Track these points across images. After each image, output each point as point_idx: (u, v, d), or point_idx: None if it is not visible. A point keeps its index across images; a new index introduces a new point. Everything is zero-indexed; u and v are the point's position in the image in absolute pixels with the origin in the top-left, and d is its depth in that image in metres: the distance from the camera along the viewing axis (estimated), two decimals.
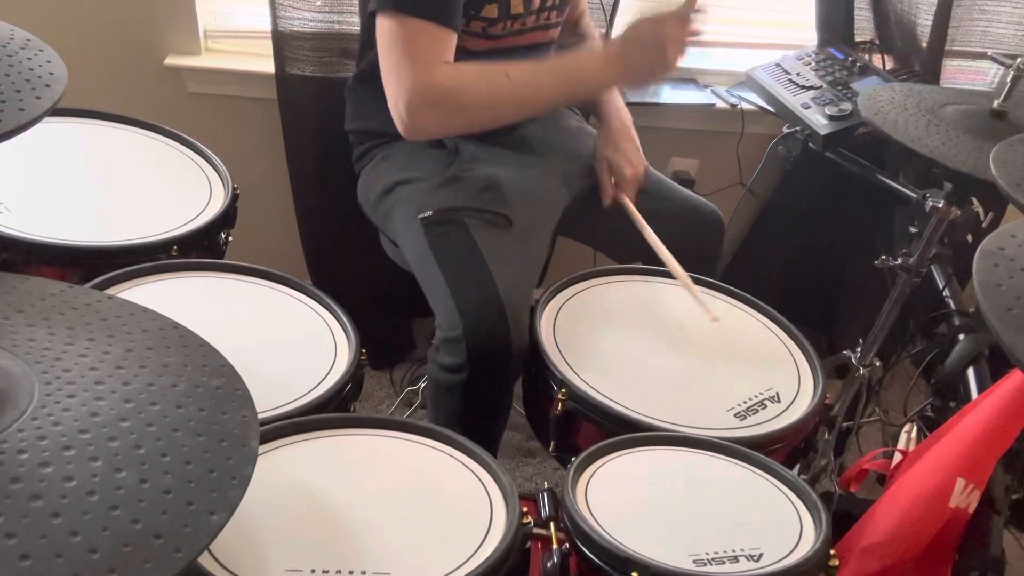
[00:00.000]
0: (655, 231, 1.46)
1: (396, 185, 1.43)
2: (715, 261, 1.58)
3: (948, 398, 1.66)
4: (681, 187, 1.60)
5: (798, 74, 1.91)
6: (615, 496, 0.99)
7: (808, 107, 1.83)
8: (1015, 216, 1.73)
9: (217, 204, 1.31)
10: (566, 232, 1.60)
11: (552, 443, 1.17)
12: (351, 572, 0.84)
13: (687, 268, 1.35)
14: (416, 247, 1.34)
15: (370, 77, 1.48)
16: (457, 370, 1.23)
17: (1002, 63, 1.45)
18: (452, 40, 1.25)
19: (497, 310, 1.20)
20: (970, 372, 1.64)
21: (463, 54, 1.35)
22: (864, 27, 2.01)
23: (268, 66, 1.76)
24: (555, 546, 0.94)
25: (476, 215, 1.32)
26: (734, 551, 0.93)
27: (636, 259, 1.43)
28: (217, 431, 0.65)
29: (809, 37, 2.01)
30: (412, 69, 1.22)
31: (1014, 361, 0.70)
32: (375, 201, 1.48)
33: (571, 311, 1.28)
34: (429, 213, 1.33)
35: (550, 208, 1.48)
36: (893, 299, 1.56)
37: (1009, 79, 1.37)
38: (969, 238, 1.59)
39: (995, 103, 1.37)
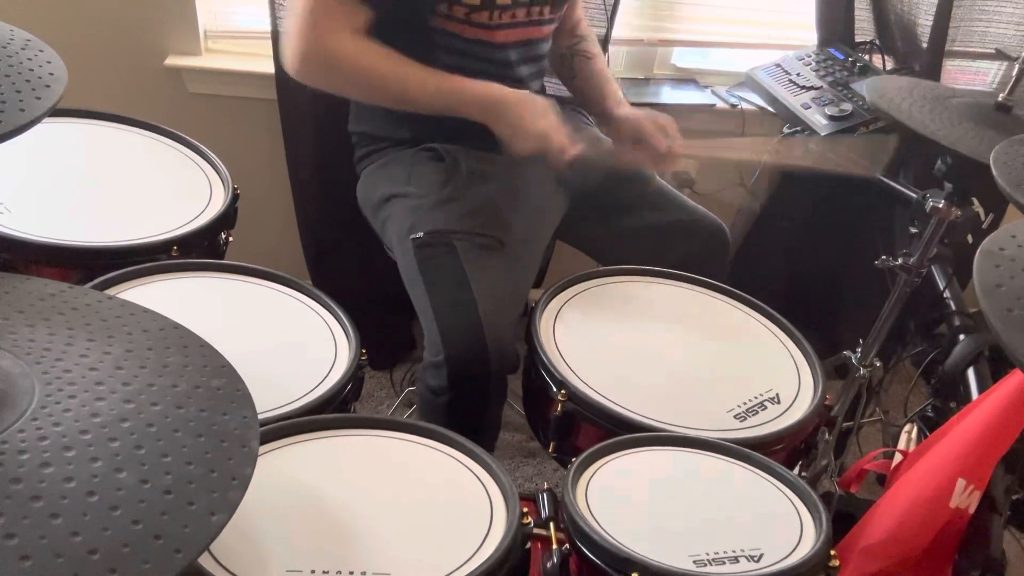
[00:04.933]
0: (658, 243, 1.44)
1: (392, 197, 1.43)
2: (721, 276, 1.56)
3: (948, 398, 1.66)
4: (687, 199, 1.58)
5: (798, 74, 1.91)
6: (615, 496, 0.99)
7: (808, 107, 1.83)
8: (1015, 216, 1.73)
9: (217, 204, 1.31)
10: (563, 237, 1.60)
11: (552, 444, 1.17)
12: (351, 572, 0.84)
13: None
14: (407, 267, 1.35)
15: None
16: (440, 393, 1.24)
17: (1008, 57, 1.45)
18: (363, 17, 1.30)
19: (478, 337, 1.21)
20: (970, 372, 1.64)
21: (451, 39, 1.37)
22: (864, 27, 2.01)
23: (268, 66, 1.76)
24: (555, 546, 0.94)
25: (467, 238, 1.32)
26: (734, 551, 0.93)
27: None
28: (217, 431, 0.65)
29: (809, 37, 2.01)
30: (310, 31, 1.28)
31: (1015, 361, 0.70)
32: (373, 208, 1.48)
33: (571, 311, 1.28)
34: (420, 234, 1.33)
35: (546, 219, 1.47)
36: (893, 299, 1.56)
37: (1015, 73, 1.37)
38: (969, 238, 1.59)
39: (1000, 96, 1.37)
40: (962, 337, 1.72)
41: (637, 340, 1.25)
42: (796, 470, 1.21)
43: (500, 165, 1.46)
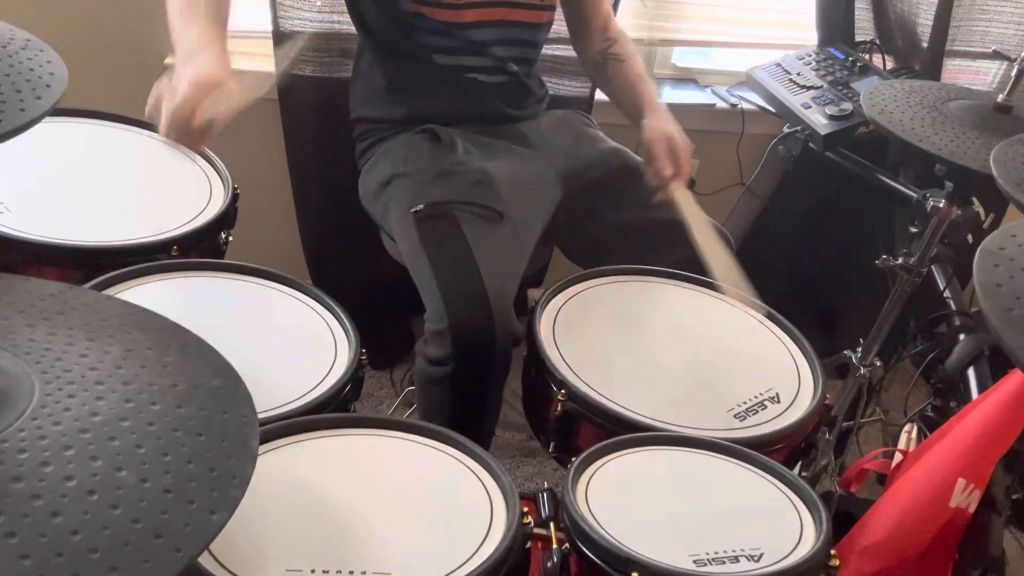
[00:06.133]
0: (653, 242, 1.43)
1: (392, 179, 1.44)
2: None
3: (948, 398, 1.66)
4: None
5: (798, 74, 1.91)
6: (615, 496, 0.99)
7: (808, 107, 1.83)
8: (1015, 216, 1.73)
9: (217, 204, 1.31)
10: (557, 237, 1.59)
11: (552, 444, 1.17)
12: (351, 572, 0.84)
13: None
14: (408, 241, 1.35)
15: (365, 67, 1.52)
16: (443, 362, 1.23)
17: (1007, 57, 1.46)
18: None
19: (482, 303, 1.21)
20: (970, 372, 1.64)
21: (422, 20, 1.38)
22: (864, 27, 2.02)
23: (268, 66, 1.76)
24: (555, 546, 0.94)
25: (466, 208, 1.33)
26: (734, 551, 0.93)
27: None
28: (217, 430, 0.65)
29: (809, 37, 2.02)
30: None
31: (1015, 361, 0.70)
32: (373, 196, 1.49)
33: (571, 311, 1.28)
34: (420, 207, 1.33)
35: (542, 203, 1.47)
36: (893, 299, 1.56)
37: (1014, 73, 1.37)
38: (969, 238, 1.59)
39: (1000, 97, 1.37)
40: (962, 337, 1.72)
41: (637, 340, 1.25)
42: (796, 470, 1.21)
43: (496, 148, 1.47)
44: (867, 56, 1.96)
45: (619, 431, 1.08)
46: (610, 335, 1.25)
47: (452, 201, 1.33)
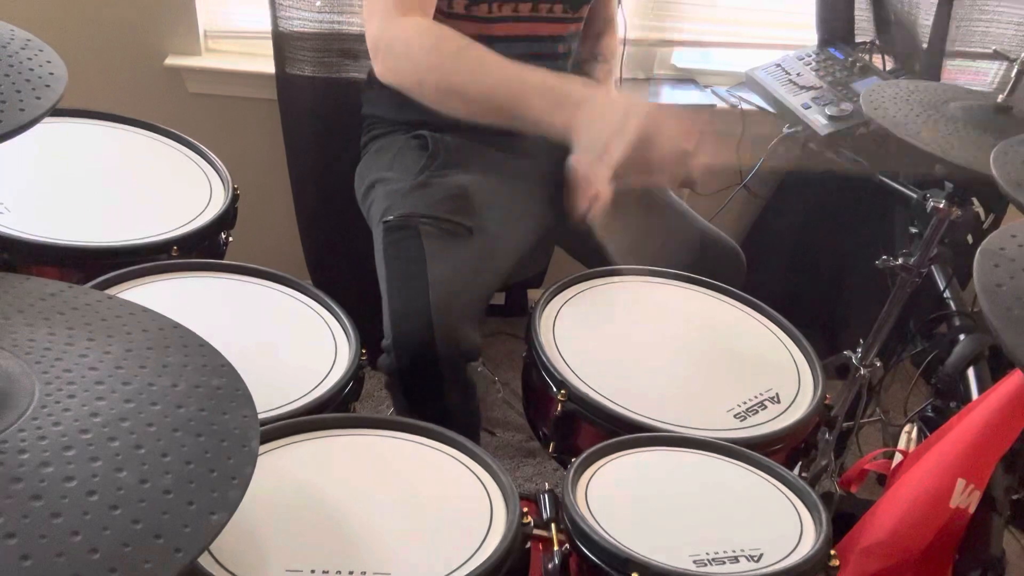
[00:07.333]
0: (662, 256, 1.41)
1: (376, 183, 1.44)
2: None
3: (948, 398, 1.66)
4: (703, 220, 1.53)
5: (798, 74, 1.91)
6: (615, 496, 0.99)
7: (808, 107, 1.83)
8: (1015, 216, 1.73)
9: (217, 204, 1.31)
10: (562, 244, 1.59)
11: (552, 444, 1.17)
12: (351, 572, 0.84)
13: None
14: (377, 251, 1.35)
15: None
16: (394, 376, 1.24)
17: (1007, 57, 1.46)
18: None
19: (424, 324, 1.19)
20: (970, 372, 1.64)
21: None
22: (864, 27, 2.02)
23: (268, 66, 1.77)
24: (555, 547, 0.94)
25: (433, 223, 1.32)
26: (734, 551, 0.93)
27: None
28: (217, 431, 0.65)
29: (809, 37, 2.02)
30: (373, 18, 1.23)
31: (1015, 361, 0.70)
32: (362, 195, 1.50)
33: (571, 311, 1.28)
34: (390, 217, 1.33)
35: (532, 214, 1.45)
36: (893, 299, 1.56)
37: (1014, 74, 1.37)
38: (969, 238, 1.60)
39: (1000, 97, 1.37)
40: (962, 337, 1.72)
41: (637, 340, 1.25)
42: (796, 470, 1.21)
43: (484, 157, 1.46)
44: (867, 56, 1.96)
45: (619, 431, 1.07)
46: (610, 335, 1.25)
47: (420, 215, 1.32)
